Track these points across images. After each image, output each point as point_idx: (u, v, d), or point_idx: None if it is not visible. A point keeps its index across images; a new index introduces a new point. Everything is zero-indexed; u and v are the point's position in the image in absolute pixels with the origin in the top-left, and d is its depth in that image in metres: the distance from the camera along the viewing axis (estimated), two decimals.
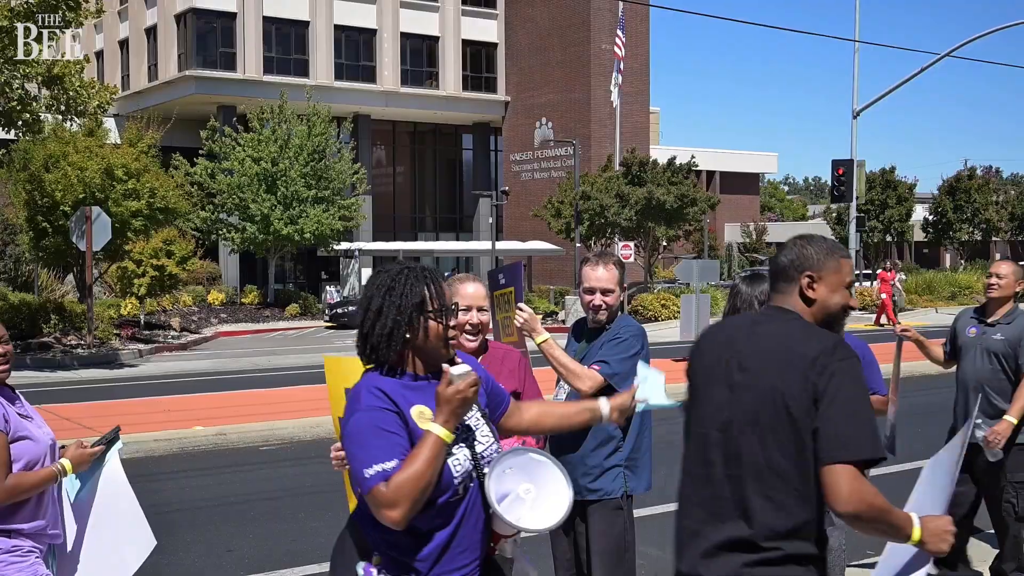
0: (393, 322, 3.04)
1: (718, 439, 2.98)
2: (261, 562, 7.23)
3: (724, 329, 3.22)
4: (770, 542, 2.84)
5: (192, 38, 44.07)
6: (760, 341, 3.01)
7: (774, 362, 2.92)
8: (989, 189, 51.69)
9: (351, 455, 2.97)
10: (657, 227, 37.03)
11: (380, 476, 2.88)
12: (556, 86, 49.02)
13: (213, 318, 35.10)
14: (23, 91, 20.56)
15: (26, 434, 4.03)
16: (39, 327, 23.14)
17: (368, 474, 2.89)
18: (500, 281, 5.06)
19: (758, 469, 2.87)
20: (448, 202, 54.13)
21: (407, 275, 3.12)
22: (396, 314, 3.05)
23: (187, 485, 9.96)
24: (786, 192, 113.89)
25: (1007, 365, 6.12)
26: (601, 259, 4.73)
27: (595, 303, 4.65)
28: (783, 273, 3.10)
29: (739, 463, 2.91)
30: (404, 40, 49.04)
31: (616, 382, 4.53)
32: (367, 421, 2.96)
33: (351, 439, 2.97)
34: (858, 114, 34.55)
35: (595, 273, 4.66)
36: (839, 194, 33.70)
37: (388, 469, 2.88)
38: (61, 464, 4.13)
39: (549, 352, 4.55)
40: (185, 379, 19.32)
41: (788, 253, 3.12)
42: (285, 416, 13.13)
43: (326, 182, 38.32)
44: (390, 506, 2.87)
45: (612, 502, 4.62)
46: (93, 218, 22.41)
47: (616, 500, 4.62)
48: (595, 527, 4.61)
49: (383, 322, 3.05)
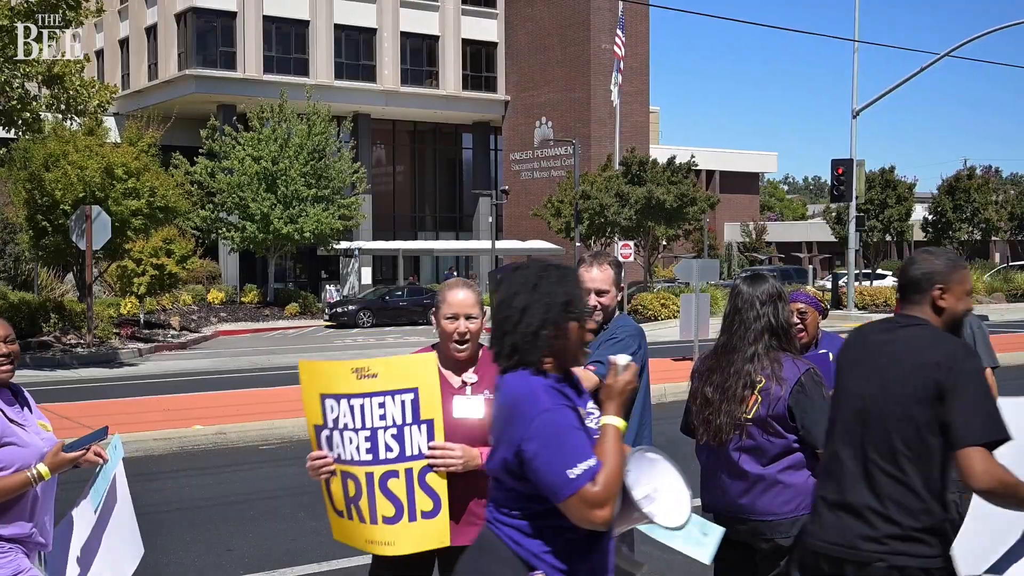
0: (540, 321, 2.93)
1: (858, 427, 3.47)
2: (261, 561, 7.23)
3: (866, 334, 3.68)
4: (899, 516, 3.33)
5: (192, 37, 44.07)
6: (896, 345, 3.47)
7: (907, 364, 3.38)
8: (989, 189, 51.62)
9: (543, 460, 2.79)
10: (657, 226, 37.03)
11: (588, 475, 2.76)
12: (556, 85, 49.03)
13: (213, 317, 35.10)
14: (23, 90, 20.56)
15: (13, 440, 3.91)
16: (39, 326, 23.13)
17: (574, 474, 2.75)
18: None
19: (891, 454, 3.36)
20: (448, 201, 54.12)
21: (552, 273, 3.00)
22: (544, 313, 2.94)
23: (187, 484, 9.96)
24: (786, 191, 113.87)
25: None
26: (596, 260, 4.68)
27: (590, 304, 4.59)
28: (915, 285, 3.52)
29: (874, 448, 3.40)
30: (404, 39, 49.05)
31: None
32: (560, 420, 2.83)
33: (545, 441, 2.80)
34: (858, 114, 34.54)
35: (589, 274, 4.61)
36: (839, 193, 33.71)
37: (593, 466, 2.78)
38: (37, 469, 3.93)
39: None
40: (184, 378, 19.31)
41: (918, 267, 3.53)
42: (284, 415, 13.12)
43: (326, 181, 38.33)
44: (601, 505, 2.76)
45: None
46: (93, 217, 22.41)
47: None
48: None
49: (528, 321, 2.93)
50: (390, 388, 3.67)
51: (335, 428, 3.72)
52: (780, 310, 4.22)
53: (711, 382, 4.22)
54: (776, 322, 4.20)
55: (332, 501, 3.84)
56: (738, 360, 4.15)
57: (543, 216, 40.78)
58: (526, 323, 2.94)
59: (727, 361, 4.19)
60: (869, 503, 3.38)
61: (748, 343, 4.19)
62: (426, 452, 3.65)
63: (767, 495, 4.06)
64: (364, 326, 35.13)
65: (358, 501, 3.72)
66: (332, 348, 26.51)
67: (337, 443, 3.73)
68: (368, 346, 27.02)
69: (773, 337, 4.17)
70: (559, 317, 2.94)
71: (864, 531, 3.37)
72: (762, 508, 4.07)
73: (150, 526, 8.23)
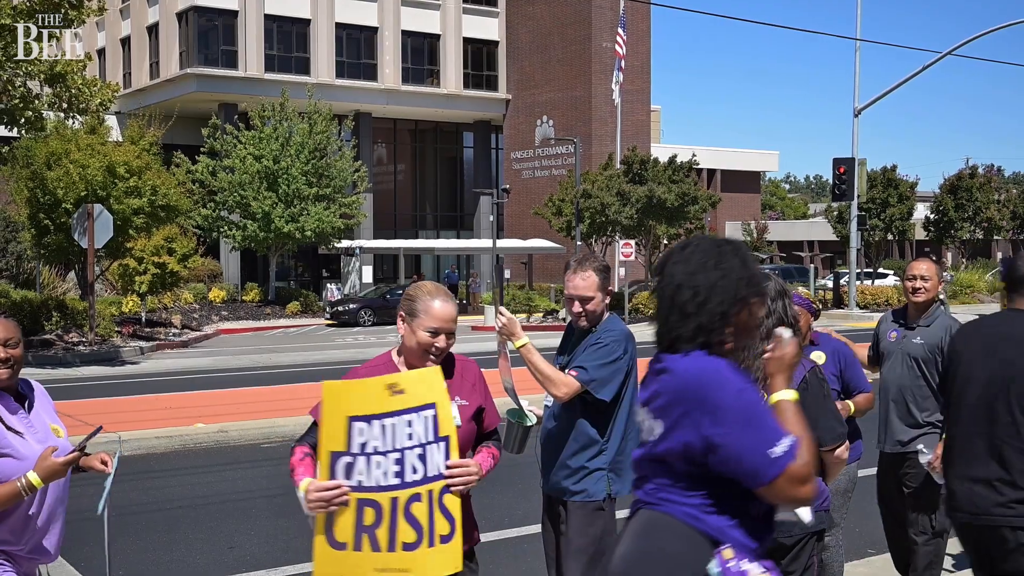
0: (729, 299, 2.80)
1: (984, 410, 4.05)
2: (263, 559, 7.25)
3: (980, 326, 4.30)
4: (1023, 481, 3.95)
5: (194, 36, 44.08)
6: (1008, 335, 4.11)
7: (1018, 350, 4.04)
8: (991, 188, 51.57)
9: (743, 444, 2.67)
10: (658, 225, 37.03)
11: (791, 453, 2.66)
12: (557, 84, 49.02)
13: (214, 316, 35.12)
14: (25, 89, 20.58)
15: (9, 451, 3.69)
16: (41, 324, 23.16)
17: (777, 452, 2.65)
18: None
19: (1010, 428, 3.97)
20: (449, 200, 54.13)
21: (728, 248, 2.86)
22: (732, 290, 2.81)
23: (188, 482, 9.99)
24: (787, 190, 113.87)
25: (927, 371, 5.73)
26: (580, 266, 4.59)
27: (575, 311, 4.61)
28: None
29: (997, 423, 4.00)
30: (405, 38, 49.05)
31: (594, 388, 4.47)
32: (754, 399, 2.73)
33: (741, 424, 2.68)
34: (859, 112, 34.53)
35: (573, 282, 4.57)
36: (840, 192, 33.69)
37: (793, 443, 2.68)
38: (27, 478, 3.65)
39: (527, 357, 4.47)
40: (186, 376, 19.34)
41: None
42: (286, 413, 13.15)
43: (327, 180, 38.35)
44: (805, 480, 2.68)
45: (593, 503, 4.59)
46: (95, 215, 22.45)
47: (597, 502, 4.59)
48: (573, 526, 4.59)
49: (717, 299, 2.79)
50: (416, 404, 3.46)
51: (360, 454, 3.45)
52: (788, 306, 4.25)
53: None
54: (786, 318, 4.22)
55: (331, 533, 3.52)
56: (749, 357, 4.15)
57: (544, 215, 40.79)
58: (715, 302, 2.80)
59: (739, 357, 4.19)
60: (999, 475, 3.97)
61: (759, 339, 4.19)
62: (444, 472, 3.47)
63: None
64: (365, 325, 35.15)
65: (375, 529, 3.48)
66: (333, 347, 26.53)
67: (360, 470, 3.45)
68: (369, 344, 27.03)
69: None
70: (745, 293, 2.82)
71: (995, 498, 3.97)
72: None
73: (152, 524, 8.27)
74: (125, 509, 8.87)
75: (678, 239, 41.17)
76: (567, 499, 4.61)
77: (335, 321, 35.41)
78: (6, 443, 3.69)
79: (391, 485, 3.46)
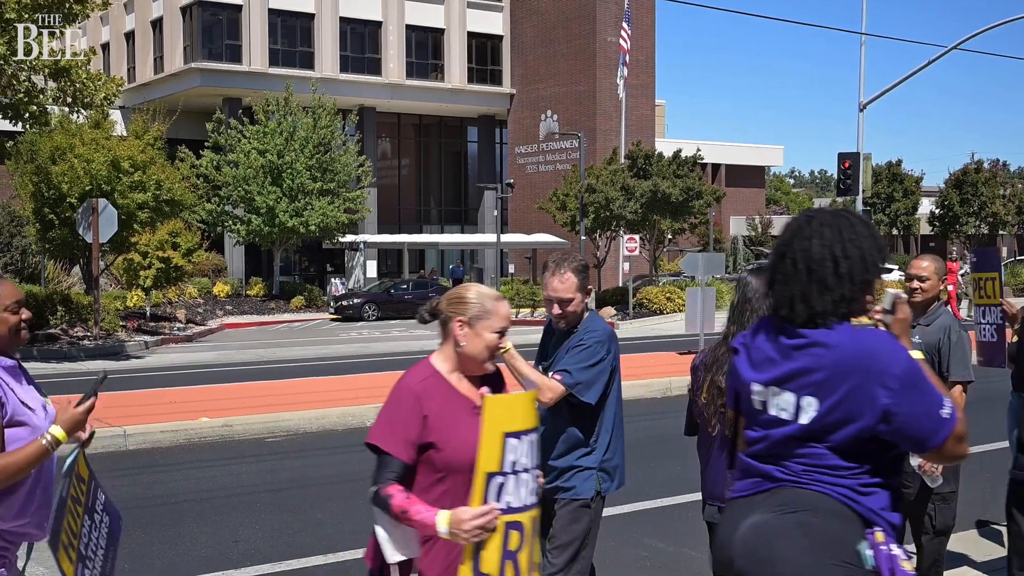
0: (871, 268, 2.89)
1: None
2: (267, 553, 7.26)
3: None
4: None
5: (198, 30, 44.09)
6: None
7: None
8: (996, 183, 51.55)
9: (918, 408, 2.75)
10: (662, 220, 36.99)
11: (954, 412, 2.77)
12: (561, 79, 48.97)
13: (218, 310, 35.16)
14: (30, 83, 20.60)
15: (24, 419, 3.53)
16: (46, 318, 23.19)
17: (945, 413, 2.75)
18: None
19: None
20: (453, 195, 54.13)
21: (857, 220, 2.93)
22: (872, 258, 2.90)
23: (193, 476, 10.00)
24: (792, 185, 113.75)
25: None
26: (559, 267, 4.51)
27: (555, 313, 4.55)
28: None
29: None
30: (409, 32, 49.03)
31: (579, 391, 4.42)
32: (917, 363, 2.81)
33: (915, 387, 2.75)
34: (864, 107, 34.46)
35: (552, 284, 4.51)
36: (845, 187, 33.60)
37: (952, 403, 2.80)
38: (51, 434, 3.48)
39: (511, 363, 4.32)
40: (190, 371, 19.36)
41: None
42: (290, 408, 13.16)
43: (331, 174, 38.35)
44: (964, 438, 2.80)
45: (580, 501, 4.58)
46: (99, 210, 22.47)
47: (585, 500, 4.58)
48: (559, 522, 4.58)
49: (860, 268, 2.87)
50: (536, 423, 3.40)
51: (511, 472, 3.25)
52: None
53: (724, 371, 4.19)
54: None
55: (477, 564, 3.21)
56: None
57: (548, 210, 40.76)
58: (858, 272, 2.87)
59: None
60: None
61: None
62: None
63: None
64: (369, 319, 35.16)
65: (517, 554, 3.27)
66: (338, 342, 26.54)
67: (510, 490, 3.25)
68: (373, 339, 27.05)
69: None
70: (879, 260, 2.90)
71: None
72: None
73: (157, 517, 8.27)
74: (130, 503, 8.88)
75: (682, 234, 41.16)
76: (556, 496, 4.59)
77: (339, 316, 35.42)
78: (22, 411, 3.56)
79: (531, 504, 3.33)
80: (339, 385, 16.15)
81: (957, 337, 5.33)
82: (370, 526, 3.44)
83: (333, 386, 16.03)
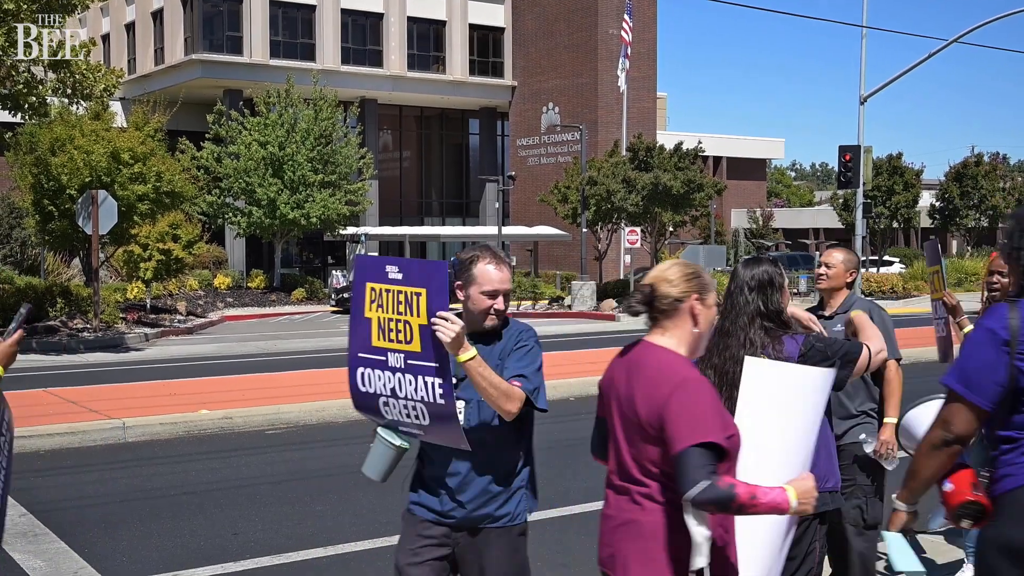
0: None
1: None
2: (267, 545, 7.24)
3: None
4: None
5: (198, 22, 44.01)
6: None
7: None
8: (996, 176, 51.52)
9: None
10: (664, 212, 36.94)
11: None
12: (563, 71, 48.91)
13: (219, 302, 35.14)
14: (29, 74, 20.55)
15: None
16: (45, 311, 23.17)
17: None
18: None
19: None
20: (454, 187, 54.09)
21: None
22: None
23: (193, 468, 9.98)
24: (793, 178, 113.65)
25: None
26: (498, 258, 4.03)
27: (497, 307, 3.99)
28: None
29: None
30: (411, 24, 48.95)
31: (535, 397, 3.92)
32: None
33: None
34: (865, 100, 34.39)
35: (495, 276, 3.97)
36: (846, 180, 33.57)
37: None
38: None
39: (478, 371, 3.71)
40: (191, 363, 19.34)
41: None
42: (290, 400, 13.15)
43: (332, 166, 38.31)
44: None
45: (518, 527, 4.05)
46: (99, 202, 22.43)
47: (522, 525, 4.08)
48: (497, 553, 4.02)
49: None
50: None
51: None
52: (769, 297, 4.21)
53: (711, 365, 4.19)
54: (766, 309, 4.19)
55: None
56: (733, 344, 4.17)
57: (550, 202, 40.70)
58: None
59: (724, 344, 4.19)
60: None
61: (740, 328, 4.20)
62: None
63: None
64: None
65: None
66: (339, 333, 26.51)
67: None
68: None
69: (766, 320, 4.17)
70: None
71: None
72: None
73: (156, 510, 8.26)
74: (129, 495, 8.87)
75: (683, 226, 41.13)
76: (484, 526, 4.00)
77: (340, 308, 35.36)
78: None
79: None
80: (340, 377, 16.03)
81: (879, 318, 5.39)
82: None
83: (334, 378, 16.00)
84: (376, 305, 3.81)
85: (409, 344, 3.77)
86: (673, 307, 3.24)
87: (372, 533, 7.33)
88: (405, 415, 3.84)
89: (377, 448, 3.95)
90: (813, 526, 4.15)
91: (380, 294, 3.81)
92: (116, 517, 8.06)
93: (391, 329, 3.79)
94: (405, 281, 3.75)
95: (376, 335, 3.84)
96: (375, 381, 3.88)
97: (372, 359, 3.86)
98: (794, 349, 4.10)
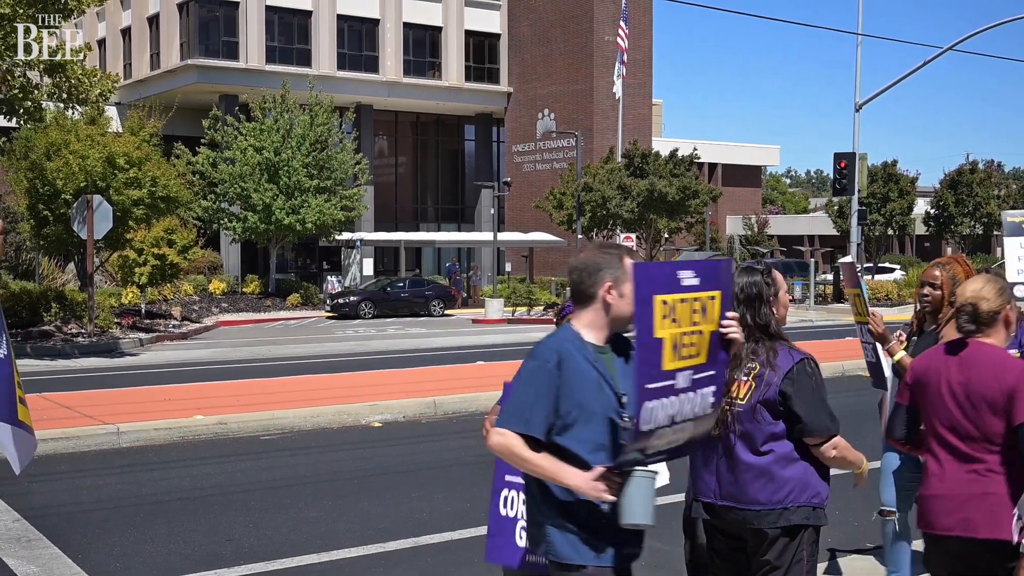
0: None
1: None
2: (261, 551, 7.23)
3: None
4: None
5: (194, 27, 44.02)
6: None
7: None
8: (991, 183, 51.62)
9: None
10: (659, 219, 37.00)
11: None
12: (559, 77, 48.97)
13: (214, 307, 35.10)
14: (25, 79, 20.53)
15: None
16: (40, 315, 23.14)
17: None
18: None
19: None
20: (450, 193, 54.10)
21: None
22: None
23: (187, 474, 9.96)
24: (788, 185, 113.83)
25: None
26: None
27: None
28: None
29: None
30: (407, 30, 49.00)
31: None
32: None
33: None
34: (860, 107, 34.48)
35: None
36: (841, 187, 33.65)
37: None
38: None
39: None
40: (185, 368, 19.31)
41: None
42: (285, 406, 13.12)
43: (328, 172, 38.31)
44: None
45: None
46: (94, 206, 22.40)
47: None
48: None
49: None
50: None
51: None
52: (758, 310, 4.12)
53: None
54: (754, 322, 4.10)
55: None
56: None
57: (545, 208, 40.76)
58: None
59: None
60: None
61: None
62: None
63: (757, 483, 4.01)
64: (365, 317, 35.11)
65: None
66: (334, 339, 26.50)
67: None
68: (370, 337, 27.01)
69: (756, 330, 4.10)
70: None
71: None
72: (751, 497, 4.02)
73: (150, 516, 8.24)
74: (124, 501, 8.85)
75: (678, 233, 41.18)
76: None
77: (335, 313, 35.37)
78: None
79: None
80: (334, 383, 16.11)
81: None
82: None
83: (328, 384, 15.99)
84: (670, 320, 3.27)
85: (696, 357, 3.38)
86: (992, 319, 4.01)
87: (367, 539, 7.32)
88: (665, 443, 3.37)
89: (638, 486, 3.32)
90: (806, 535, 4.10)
91: (674, 307, 3.28)
92: (110, 523, 8.04)
93: (683, 344, 3.33)
94: (703, 286, 3.39)
95: (669, 356, 3.28)
96: (657, 415, 3.26)
97: (660, 388, 3.25)
98: (786, 363, 4.01)
